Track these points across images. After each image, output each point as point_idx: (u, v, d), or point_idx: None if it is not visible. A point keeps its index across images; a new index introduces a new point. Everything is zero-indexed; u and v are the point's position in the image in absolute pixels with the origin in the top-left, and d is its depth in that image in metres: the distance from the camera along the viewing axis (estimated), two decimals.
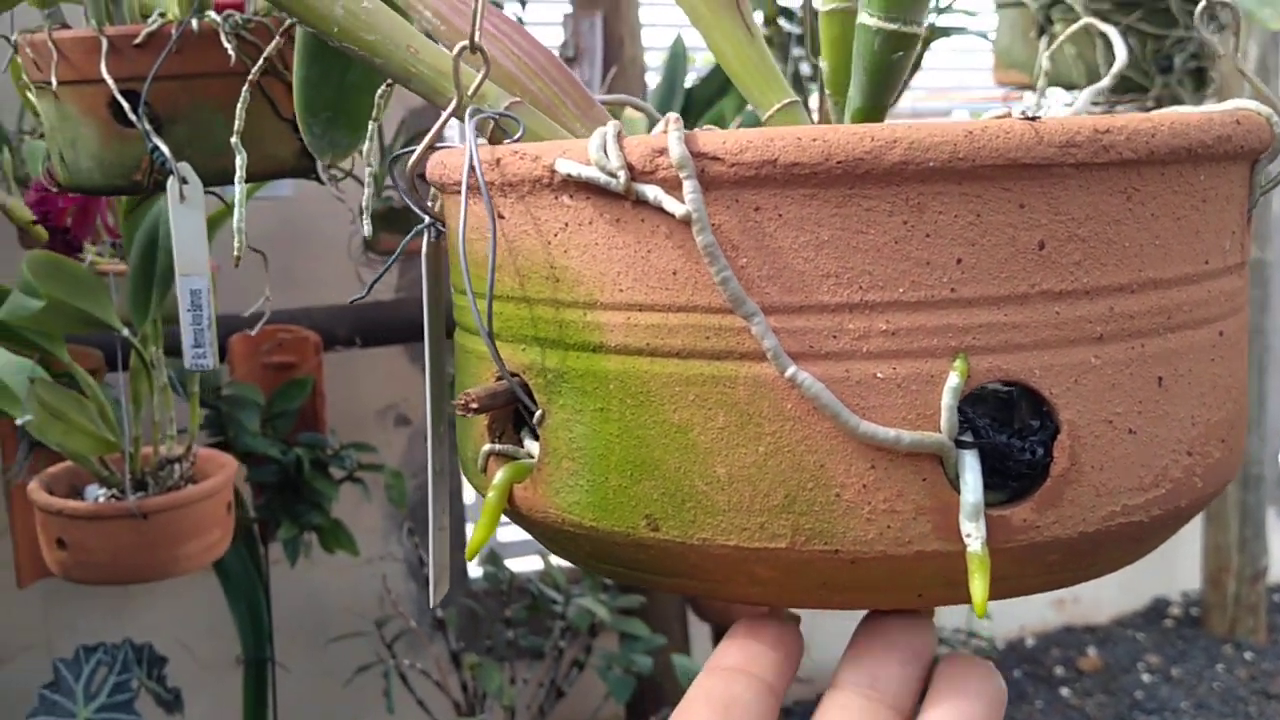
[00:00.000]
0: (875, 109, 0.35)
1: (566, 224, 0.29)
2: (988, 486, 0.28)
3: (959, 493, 0.28)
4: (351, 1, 0.36)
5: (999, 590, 0.29)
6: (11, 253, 1.48)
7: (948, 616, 2.21)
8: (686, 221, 0.26)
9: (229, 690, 1.66)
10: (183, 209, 0.70)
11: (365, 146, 0.62)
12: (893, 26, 0.32)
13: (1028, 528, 0.29)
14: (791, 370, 0.26)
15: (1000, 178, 0.27)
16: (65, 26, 0.74)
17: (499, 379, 0.32)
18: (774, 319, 0.27)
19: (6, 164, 1.45)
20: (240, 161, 0.62)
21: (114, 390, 1.17)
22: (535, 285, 0.30)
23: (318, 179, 0.72)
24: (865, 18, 0.33)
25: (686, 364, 0.28)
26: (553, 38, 1.56)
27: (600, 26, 1.53)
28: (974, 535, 0.28)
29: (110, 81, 0.69)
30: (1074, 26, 0.55)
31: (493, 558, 1.64)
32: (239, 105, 0.62)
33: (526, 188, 0.29)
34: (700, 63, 1.70)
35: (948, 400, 0.28)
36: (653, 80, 1.67)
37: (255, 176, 0.75)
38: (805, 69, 1.32)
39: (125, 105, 0.69)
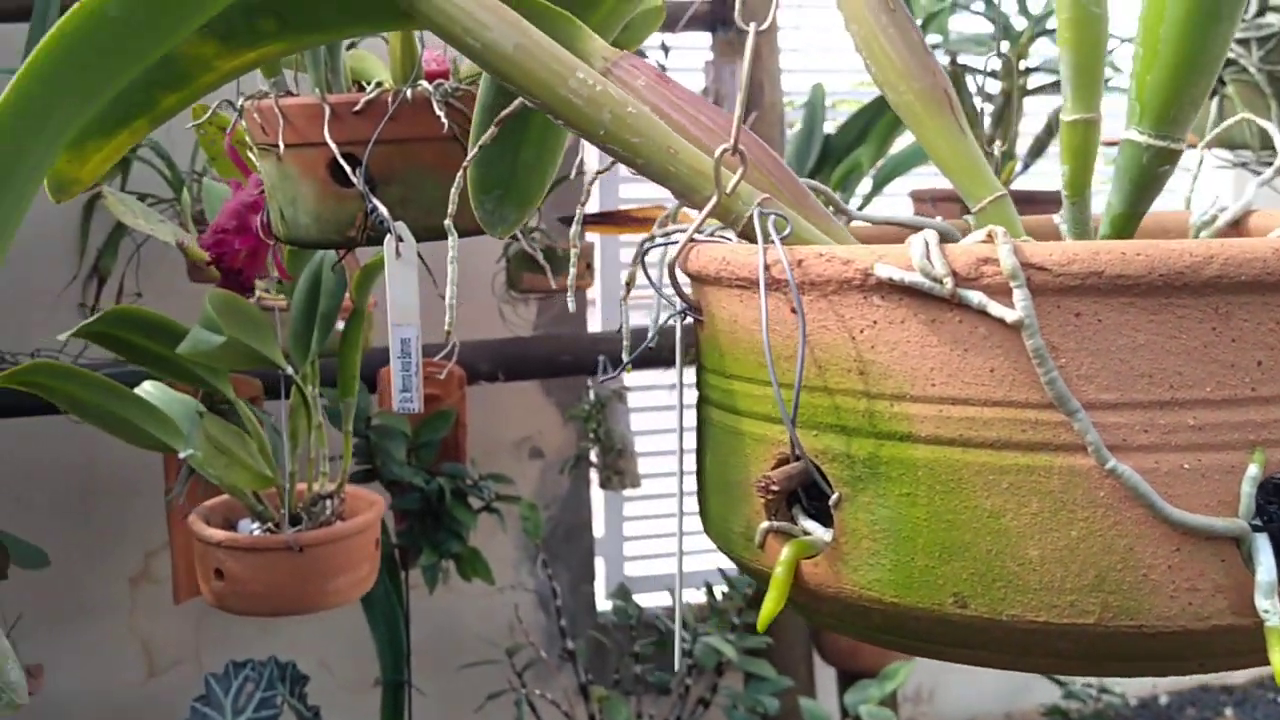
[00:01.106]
0: (1134, 216, 0.37)
1: (875, 322, 0.31)
2: None
3: (1253, 572, 0.30)
4: (618, 107, 0.39)
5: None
6: (175, 284, 1.57)
7: None
8: (1012, 325, 0.29)
9: (366, 710, 1.71)
10: (398, 265, 0.74)
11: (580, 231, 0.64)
12: (1161, 144, 0.35)
13: None
14: (1112, 463, 0.29)
15: None
16: (290, 94, 0.79)
17: (781, 463, 0.34)
18: (1091, 415, 0.29)
19: (186, 204, 1.54)
20: (453, 241, 0.64)
21: (270, 418, 1.23)
22: (836, 377, 0.32)
23: (513, 236, 0.76)
24: (1134, 134, 0.35)
25: (1000, 455, 0.30)
26: (694, 83, 1.60)
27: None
28: (1271, 611, 0.29)
29: (333, 145, 0.74)
30: (1231, 121, 0.56)
31: (622, 592, 1.67)
32: (453, 190, 0.63)
33: (832, 287, 0.32)
34: (838, 109, 1.72)
35: (1247, 489, 0.30)
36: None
37: (463, 233, 0.80)
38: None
39: (346, 167, 0.74)
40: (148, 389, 1.03)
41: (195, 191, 1.57)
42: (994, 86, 1.35)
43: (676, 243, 0.44)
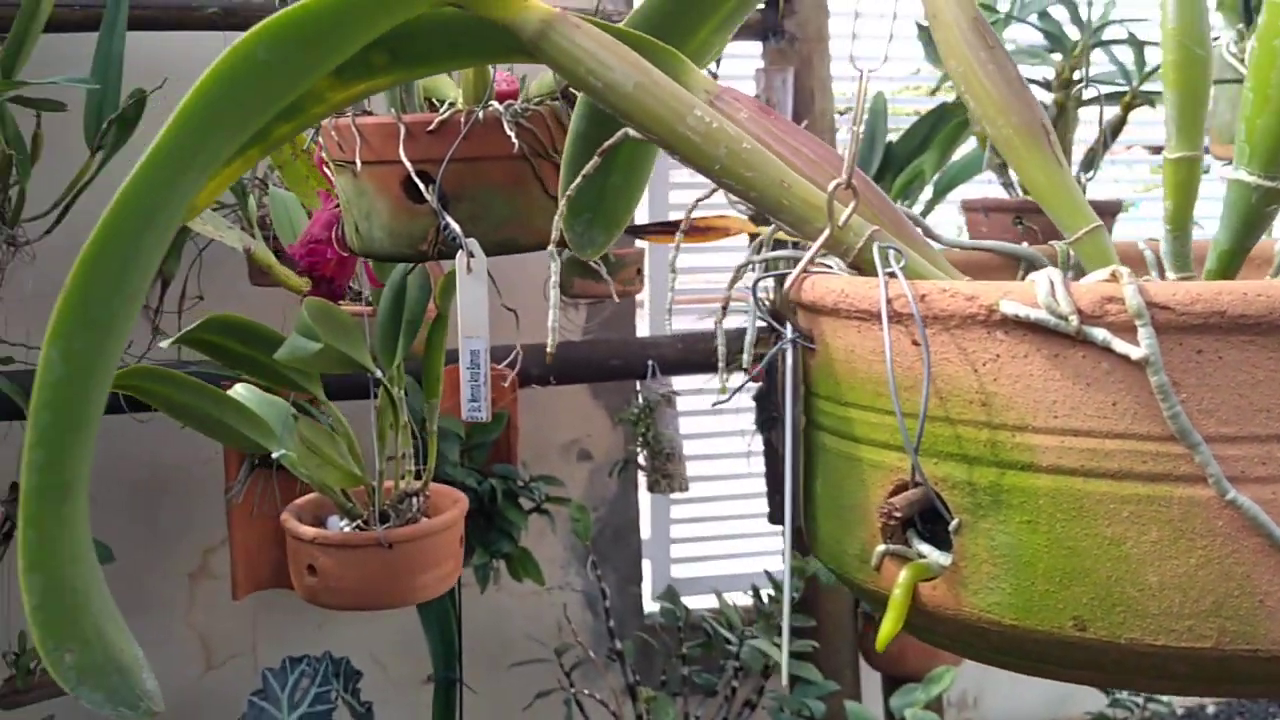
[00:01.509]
0: (1240, 252, 0.39)
1: (998, 355, 0.33)
2: None
3: None
4: (734, 143, 0.41)
5: None
6: (237, 287, 1.60)
7: None
8: (1136, 362, 0.30)
9: (416, 706, 1.74)
10: (468, 279, 0.76)
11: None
12: (1270, 184, 0.36)
13: None
14: (1232, 494, 0.30)
15: None
16: (367, 113, 0.81)
17: (899, 489, 0.36)
18: (1211, 447, 0.30)
19: (251, 210, 1.57)
20: (555, 267, 0.64)
21: (327, 418, 1.26)
22: (959, 407, 0.34)
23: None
24: (1243, 175, 0.36)
25: (1121, 484, 0.31)
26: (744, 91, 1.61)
27: (791, 81, 1.58)
28: None
29: (407, 163, 0.76)
30: None
31: (670, 594, 1.69)
32: (556, 218, 0.61)
33: (955, 322, 0.34)
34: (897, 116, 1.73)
35: None
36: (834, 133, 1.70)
37: (525, 248, 0.82)
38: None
39: (420, 185, 0.76)
40: (240, 391, 1.07)
41: (258, 197, 1.60)
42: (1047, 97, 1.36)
43: (767, 263, 0.46)
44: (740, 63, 1.70)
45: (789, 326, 0.40)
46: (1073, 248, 0.43)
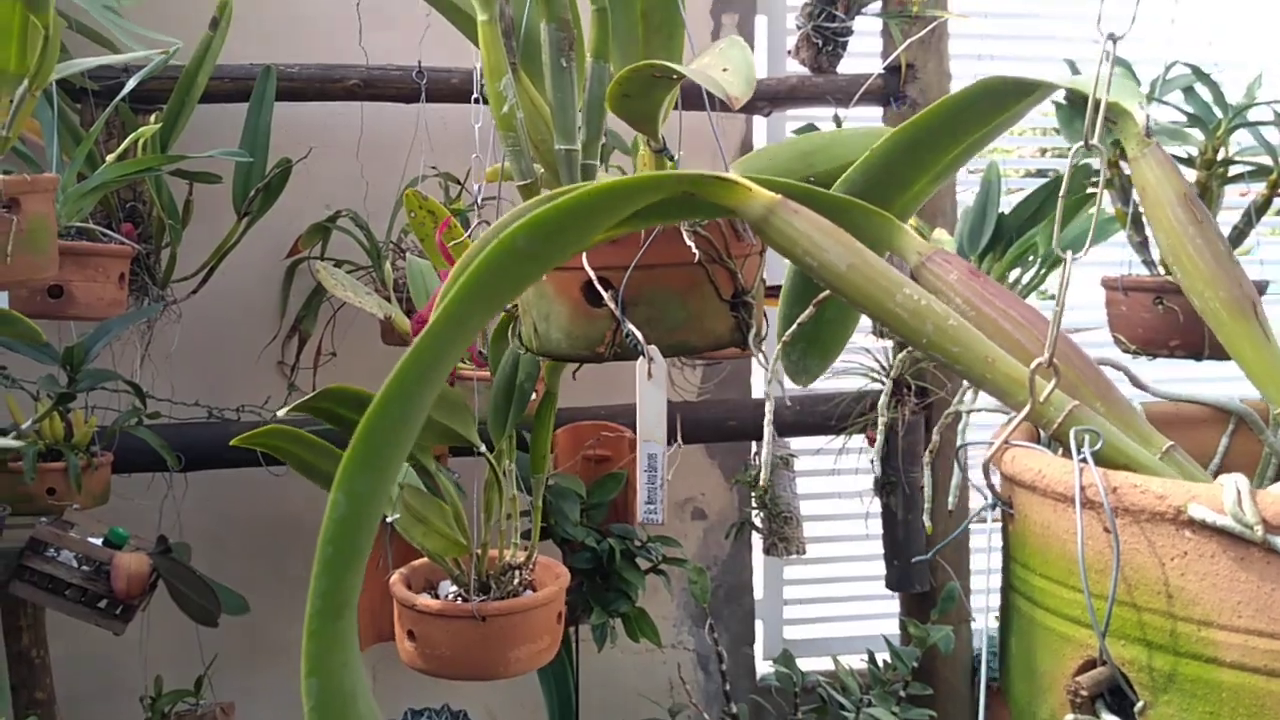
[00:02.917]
0: None
1: (1185, 553, 0.36)
2: None
3: None
4: (940, 320, 0.45)
5: None
6: (369, 345, 1.68)
7: None
8: None
9: None
10: (649, 385, 0.80)
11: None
12: None
13: None
14: None
15: None
16: None
17: (1087, 664, 0.39)
18: None
19: (388, 275, 1.66)
20: (769, 407, 0.68)
21: (455, 474, 1.31)
22: (1145, 595, 0.37)
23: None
24: None
25: None
26: None
27: None
28: None
29: (589, 270, 0.80)
30: None
31: (785, 658, 1.71)
32: (775, 354, 0.64)
33: (1145, 516, 0.37)
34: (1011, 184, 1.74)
35: None
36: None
37: (698, 349, 0.86)
38: None
39: (602, 292, 0.80)
40: None
41: (393, 261, 1.68)
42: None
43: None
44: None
45: (991, 492, 0.44)
46: None
